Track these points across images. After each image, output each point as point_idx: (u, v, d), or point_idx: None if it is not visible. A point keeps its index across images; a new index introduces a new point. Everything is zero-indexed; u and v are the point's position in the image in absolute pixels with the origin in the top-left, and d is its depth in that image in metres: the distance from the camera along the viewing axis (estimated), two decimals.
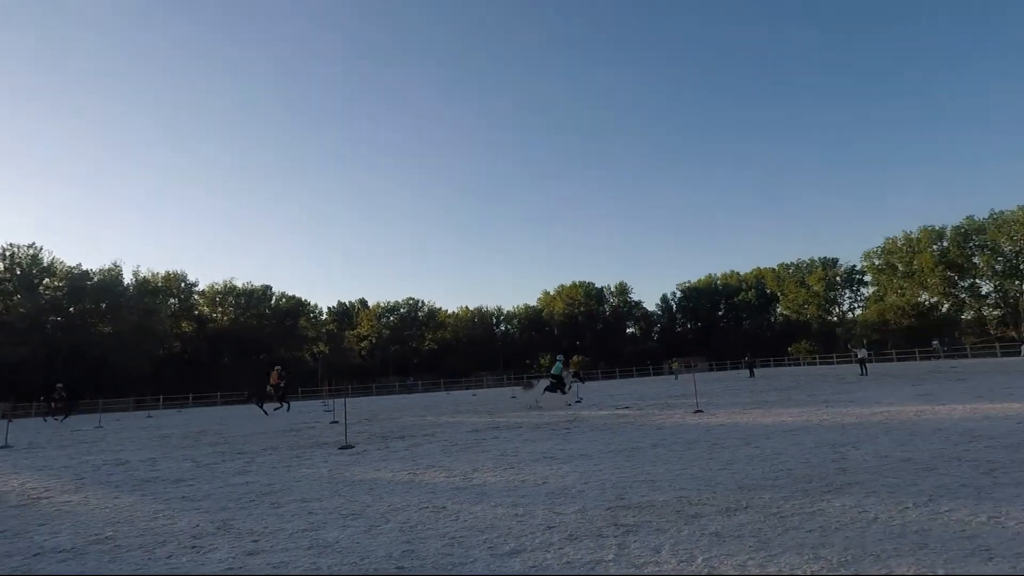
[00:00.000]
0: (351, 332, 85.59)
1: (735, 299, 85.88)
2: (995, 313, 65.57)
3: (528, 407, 19.07)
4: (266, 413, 24.23)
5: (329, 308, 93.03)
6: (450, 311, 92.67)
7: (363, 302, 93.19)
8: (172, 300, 70.98)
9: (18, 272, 57.97)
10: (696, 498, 5.22)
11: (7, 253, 58.02)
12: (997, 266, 63.30)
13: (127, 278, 64.45)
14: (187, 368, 64.86)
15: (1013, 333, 58.69)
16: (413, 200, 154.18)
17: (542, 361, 78.50)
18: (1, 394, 44.33)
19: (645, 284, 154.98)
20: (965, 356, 50.77)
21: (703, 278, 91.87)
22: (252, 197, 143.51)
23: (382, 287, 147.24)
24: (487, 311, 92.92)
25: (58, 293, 59.33)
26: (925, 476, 5.48)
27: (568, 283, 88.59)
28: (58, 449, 14.37)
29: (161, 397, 50.85)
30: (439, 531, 4.64)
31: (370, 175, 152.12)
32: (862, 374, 28.93)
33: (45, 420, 31.16)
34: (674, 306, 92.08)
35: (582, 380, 26.61)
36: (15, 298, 56.87)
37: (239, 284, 76.56)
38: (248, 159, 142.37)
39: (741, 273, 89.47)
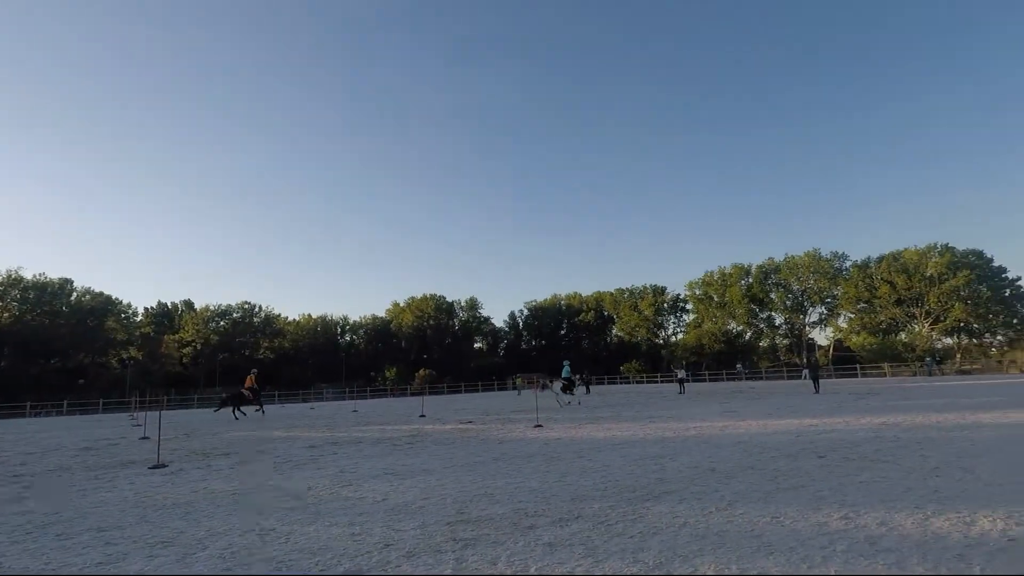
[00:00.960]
0: (171, 336, 76.82)
1: (576, 319, 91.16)
2: (784, 342, 76.95)
3: (561, 405, 22.69)
4: (239, 416, 23.63)
5: (147, 308, 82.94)
6: (291, 318, 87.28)
7: (189, 304, 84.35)
8: None
9: None
10: (532, 510, 5.43)
11: None
12: (788, 302, 74.70)
13: None
14: None
15: (797, 360, 69.11)
16: (254, 200, 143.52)
17: (388, 373, 76.77)
18: None
19: (495, 300, 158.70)
20: (761, 378, 58.85)
21: (549, 298, 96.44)
22: (48, 176, 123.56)
23: (214, 289, 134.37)
24: (331, 320, 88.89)
25: None
26: (726, 484, 6.24)
27: (419, 295, 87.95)
28: None
29: None
30: (266, 555, 4.33)
31: (203, 166, 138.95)
32: (680, 392, 32.09)
33: None
34: (521, 323, 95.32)
35: (586, 384, 31.87)
36: None
37: (28, 276, 65.28)
38: (39, 130, 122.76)
39: (583, 295, 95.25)
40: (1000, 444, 8.12)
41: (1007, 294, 60.99)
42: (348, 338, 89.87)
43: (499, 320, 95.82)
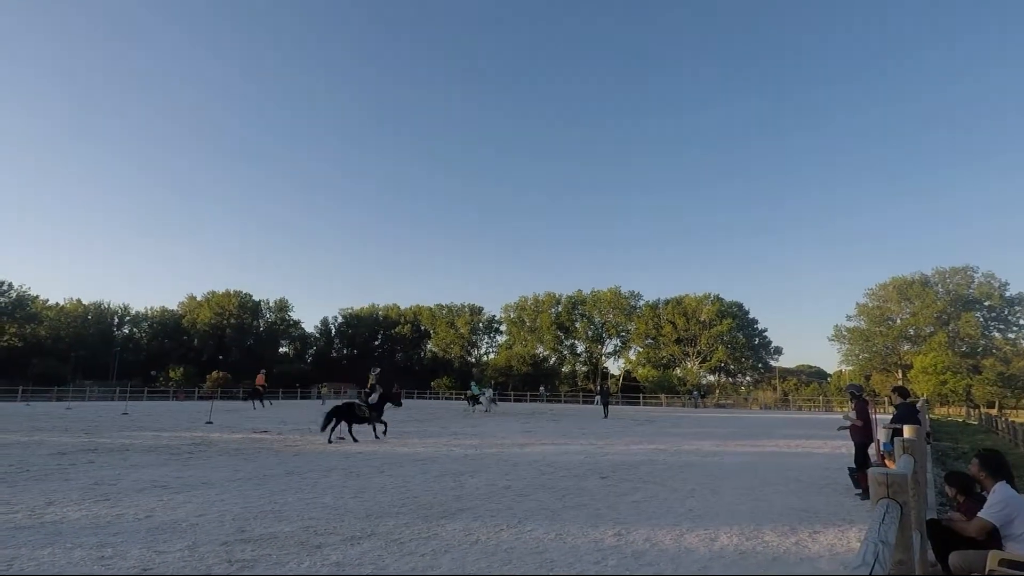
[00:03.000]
0: None
1: (393, 331, 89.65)
2: (583, 369, 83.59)
3: (482, 413, 25.96)
4: (256, 407, 28.95)
5: None
6: (52, 302, 73.46)
7: None
8: None
9: None
10: (323, 527, 5.18)
11: None
12: (590, 332, 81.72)
13: None
14: None
15: (592, 386, 75.50)
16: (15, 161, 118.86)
17: (172, 373, 68.04)
18: None
19: (309, 305, 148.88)
20: (560, 401, 63.06)
21: (367, 307, 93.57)
22: None
23: None
24: (108, 308, 76.63)
25: None
26: (519, 502, 6.55)
27: (221, 290, 79.74)
28: None
29: None
30: None
31: None
32: (487, 411, 33.11)
33: None
34: (333, 330, 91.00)
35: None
36: None
37: None
38: None
39: (402, 307, 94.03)
40: (740, 470, 9.66)
41: (756, 342, 73.73)
42: (127, 330, 78.09)
43: (310, 325, 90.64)
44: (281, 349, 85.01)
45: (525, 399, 64.11)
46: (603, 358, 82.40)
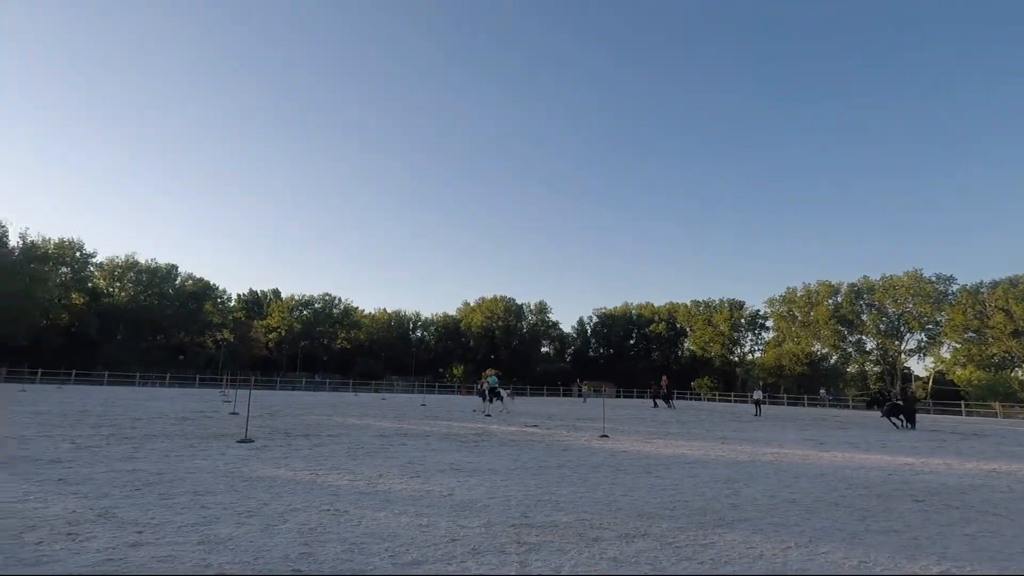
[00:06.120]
0: (260, 322, 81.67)
1: (647, 330, 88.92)
2: (875, 369, 71.39)
3: (504, 411, 24.11)
4: (665, 406, 35.01)
5: (239, 295, 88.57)
6: (367, 311, 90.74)
7: (276, 292, 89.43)
8: (63, 269, 64.50)
9: None
10: (597, 522, 5.34)
11: None
12: (881, 325, 69.04)
13: (12, 240, 57.83)
14: (73, 343, 59.32)
15: (891, 389, 64.27)
16: (342, 199, 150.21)
17: (455, 371, 78.13)
18: None
19: (564, 305, 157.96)
20: (847, 406, 54.78)
21: (619, 306, 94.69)
22: (167, 171, 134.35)
23: (298, 279, 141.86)
24: (405, 315, 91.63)
25: None
26: (807, 518, 5.87)
27: (489, 296, 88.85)
28: None
29: (40, 371, 46.05)
30: (339, 535, 4.50)
31: (298, 164, 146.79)
32: (756, 415, 30.61)
33: None
34: (589, 330, 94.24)
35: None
36: None
37: (142, 260, 71.02)
38: (159, 128, 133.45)
39: (655, 305, 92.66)
40: None
41: None
42: (419, 334, 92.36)
43: (567, 326, 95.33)
44: (543, 349, 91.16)
45: (801, 403, 57.53)
46: (902, 356, 69.01)
